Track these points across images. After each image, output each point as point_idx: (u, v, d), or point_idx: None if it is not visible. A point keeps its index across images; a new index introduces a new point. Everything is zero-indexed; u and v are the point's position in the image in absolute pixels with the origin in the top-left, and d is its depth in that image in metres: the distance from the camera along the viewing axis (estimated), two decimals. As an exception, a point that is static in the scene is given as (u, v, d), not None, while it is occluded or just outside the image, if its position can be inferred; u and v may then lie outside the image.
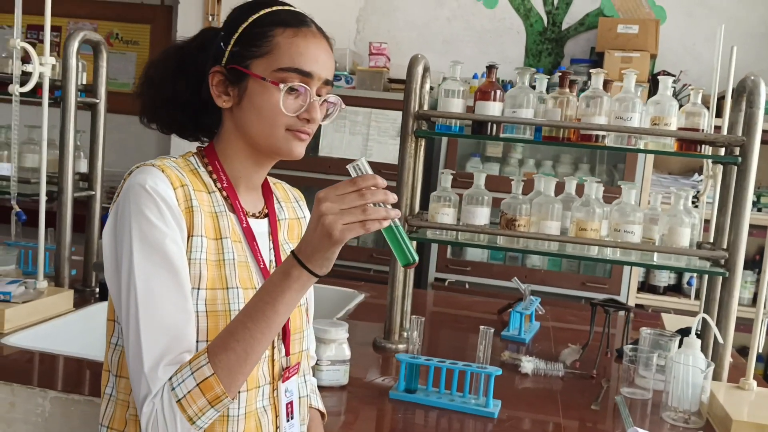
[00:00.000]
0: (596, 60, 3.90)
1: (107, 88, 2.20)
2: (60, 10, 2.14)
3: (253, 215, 1.16)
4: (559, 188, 1.97)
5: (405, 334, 2.00)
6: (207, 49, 1.13)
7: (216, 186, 1.12)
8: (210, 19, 3.78)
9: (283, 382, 1.13)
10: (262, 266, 1.13)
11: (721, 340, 1.62)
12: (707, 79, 3.34)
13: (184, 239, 1.03)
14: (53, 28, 2.11)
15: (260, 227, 1.17)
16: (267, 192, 1.22)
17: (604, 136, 1.81)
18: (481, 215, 1.86)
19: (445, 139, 3.71)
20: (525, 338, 2.15)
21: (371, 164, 0.97)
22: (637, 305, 3.65)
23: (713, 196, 2.28)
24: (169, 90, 1.14)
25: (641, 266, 3.10)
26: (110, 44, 4.55)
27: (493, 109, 1.83)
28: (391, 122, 3.76)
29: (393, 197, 0.95)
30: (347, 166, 0.96)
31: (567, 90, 1.84)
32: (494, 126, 1.85)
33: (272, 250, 1.17)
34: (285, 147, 1.09)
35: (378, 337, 1.98)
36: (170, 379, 0.97)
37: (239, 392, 1.05)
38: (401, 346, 1.94)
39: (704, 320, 1.72)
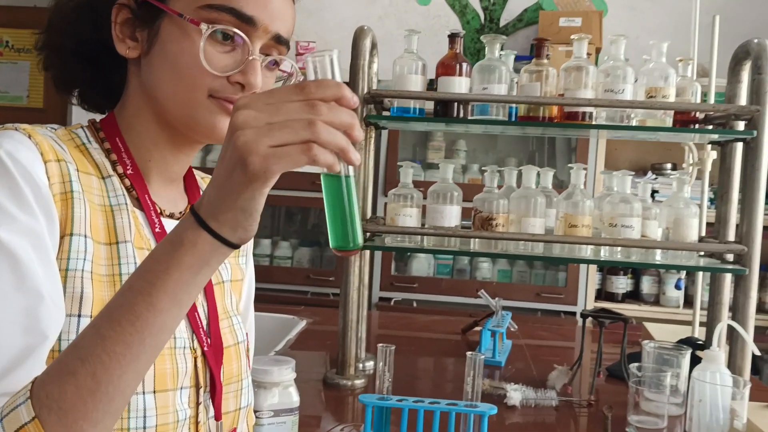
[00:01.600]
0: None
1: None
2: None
3: (171, 215, 0.80)
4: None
5: (361, 365, 1.64)
6: None
7: (115, 170, 0.76)
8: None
9: (211, 461, 0.75)
10: None
11: (757, 352, 1.33)
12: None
13: (54, 234, 0.67)
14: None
15: None
16: (192, 186, 0.87)
17: (591, 114, 1.52)
18: (451, 215, 1.52)
19: (384, 144, 3.37)
20: (501, 361, 1.83)
21: None
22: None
23: (701, 189, 2.04)
24: (71, 35, 0.78)
25: (641, 266, 2.81)
26: (0, 54, 4.04)
27: (459, 85, 1.51)
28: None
29: (360, 132, 0.57)
30: (305, 57, 0.59)
31: (545, 61, 1.54)
32: (461, 107, 1.52)
33: None
34: (205, 120, 0.73)
35: (328, 371, 1.61)
36: None
37: None
38: (359, 382, 1.57)
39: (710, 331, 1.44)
